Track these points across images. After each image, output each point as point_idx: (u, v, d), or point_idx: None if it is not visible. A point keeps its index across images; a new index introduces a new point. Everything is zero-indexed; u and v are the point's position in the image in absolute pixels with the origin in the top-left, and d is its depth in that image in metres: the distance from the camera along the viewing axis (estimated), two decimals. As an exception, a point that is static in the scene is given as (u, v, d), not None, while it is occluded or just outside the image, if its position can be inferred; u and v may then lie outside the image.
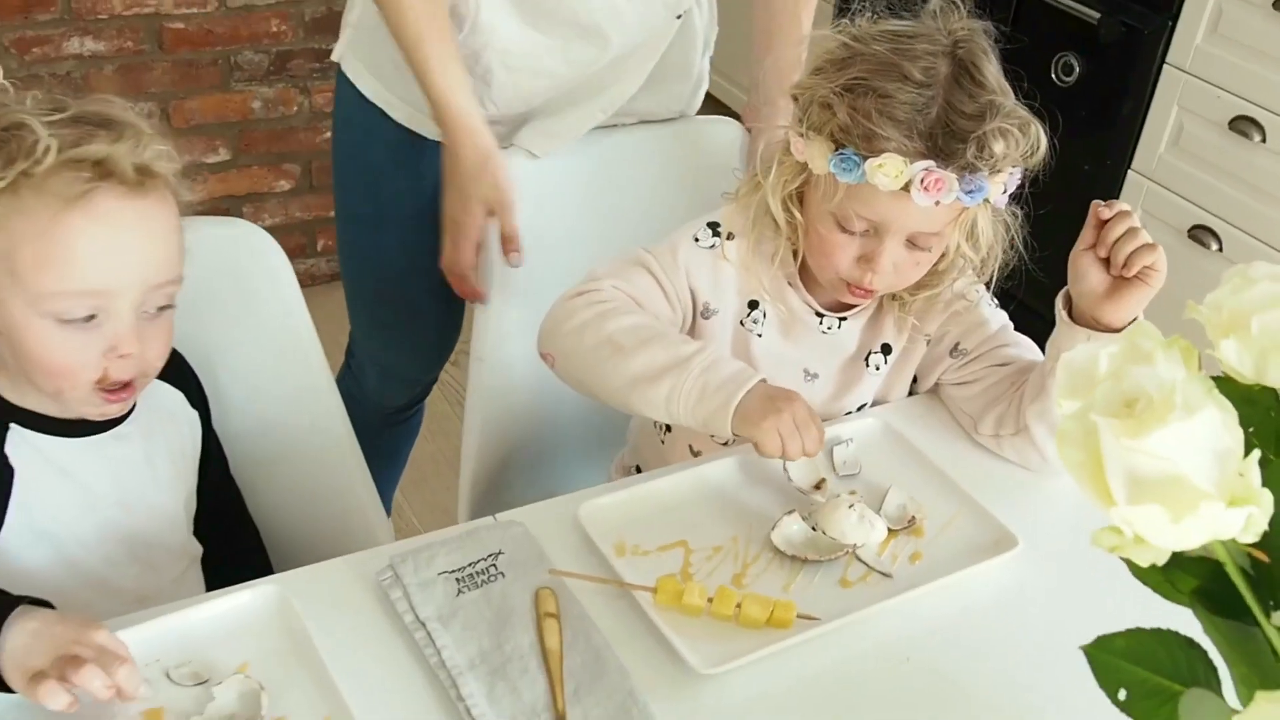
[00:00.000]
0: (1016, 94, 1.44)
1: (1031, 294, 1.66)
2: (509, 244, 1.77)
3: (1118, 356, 0.78)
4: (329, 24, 3.30)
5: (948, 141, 1.37)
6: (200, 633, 1.21)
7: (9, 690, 1.09)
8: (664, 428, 1.69)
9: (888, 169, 1.37)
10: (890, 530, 1.41)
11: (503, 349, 1.84)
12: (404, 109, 1.83)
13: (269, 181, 3.45)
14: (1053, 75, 3.10)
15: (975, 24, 1.44)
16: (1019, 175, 1.44)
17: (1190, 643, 0.83)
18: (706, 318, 1.59)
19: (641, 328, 1.47)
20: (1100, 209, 1.43)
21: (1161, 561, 0.72)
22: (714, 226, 1.58)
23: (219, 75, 3.25)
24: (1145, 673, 0.82)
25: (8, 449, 1.30)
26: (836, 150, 1.41)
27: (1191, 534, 0.70)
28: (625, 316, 1.48)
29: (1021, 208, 1.51)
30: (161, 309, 1.28)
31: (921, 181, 1.37)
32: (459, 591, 1.26)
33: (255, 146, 3.40)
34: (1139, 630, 0.84)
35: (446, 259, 1.79)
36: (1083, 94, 3.06)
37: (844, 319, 1.60)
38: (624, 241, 1.77)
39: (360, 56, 1.87)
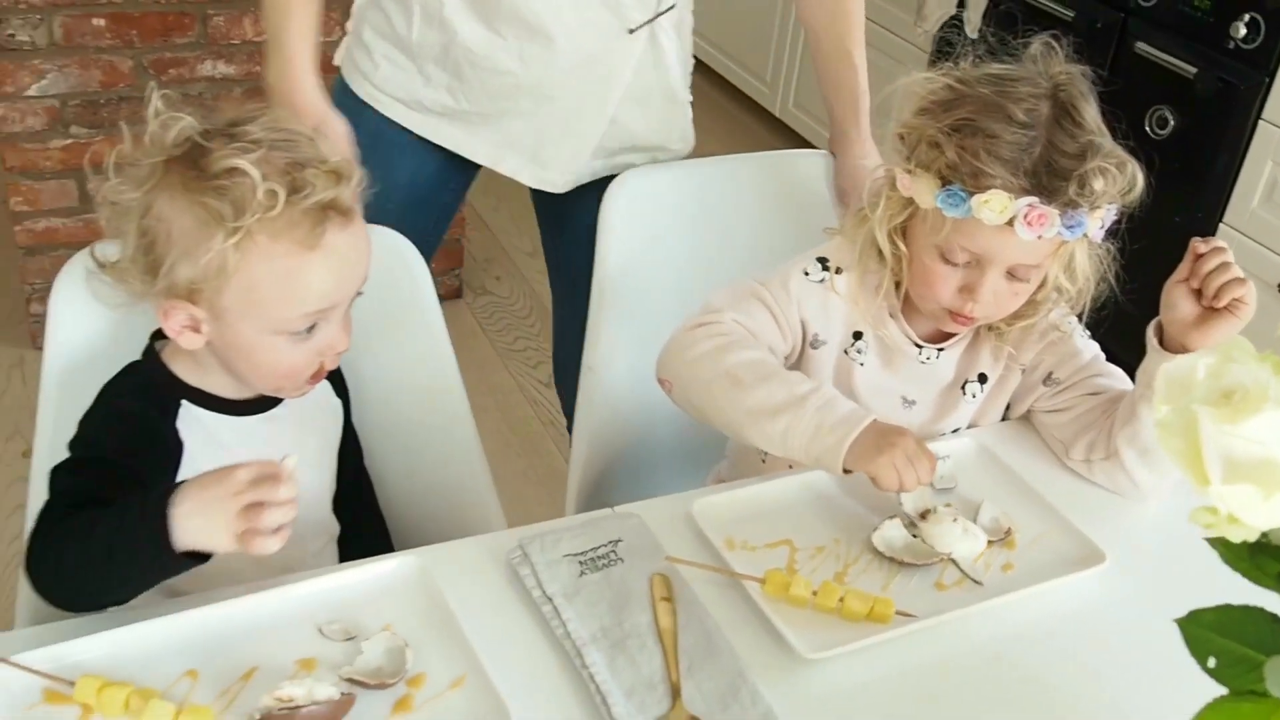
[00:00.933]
0: (1114, 135, 1.52)
1: (1115, 340, 1.73)
2: None
3: (1214, 364, 0.87)
4: (446, 54, 3.42)
5: (1050, 179, 1.45)
6: (348, 595, 1.32)
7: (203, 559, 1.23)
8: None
9: (993, 204, 1.45)
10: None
11: (611, 361, 1.93)
12: (391, 105, 1.98)
13: (380, 203, 3.58)
14: (1147, 128, 3.17)
15: (1074, 68, 1.52)
16: (1115, 211, 1.52)
17: (1274, 618, 0.92)
18: (815, 348, 1.67)
19: (759, 364, 1.55)
20: (1198, 244, 1.51)
21: (1252, 539, 0.81)
22: (823, 261, 1.66)
23: (340, 100, 3.38)
24: (1233, 643, 0.90)
25: (178, 424, 1.43)
26: (944, 186, 1.49)
27: (1280, 512, 0.79)
28: (744, 351, 1.56)
29: (1116, 242, 1.59)
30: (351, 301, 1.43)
31: (1025, 216, 1.45)
32: (581, 573, 1.37)
33: (370, 171, 3.52)
34: (1228, 606, 0.92)
35: None
36: (1176, 147, 3.12)
37: (941, 350, 1.68)
38: (725, 265, 1.88)
39: (352, 59, 2.02)
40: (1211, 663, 0.90)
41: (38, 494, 1.56)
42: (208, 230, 1.30)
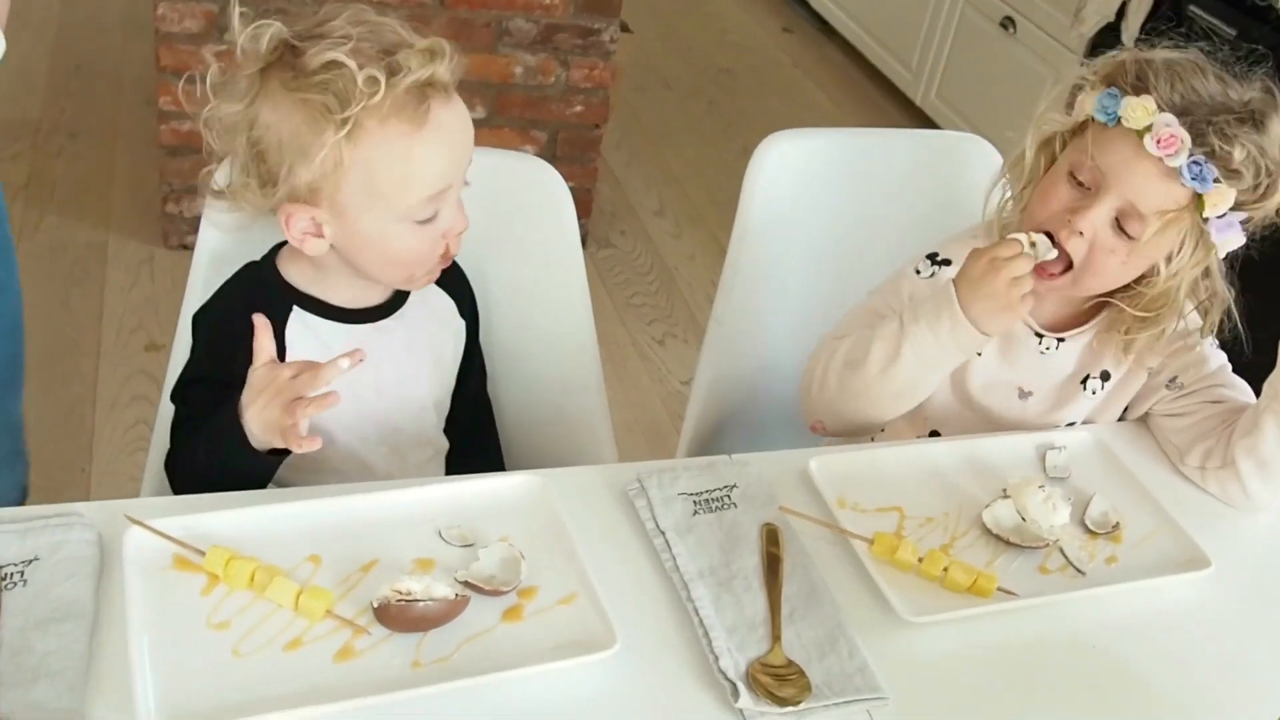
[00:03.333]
0: None
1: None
2: None
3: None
4: (599, 4, 3.46)
5: (1199, 121, 1.45)
6: (470, 504, 1.37)
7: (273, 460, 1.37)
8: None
9: (1139, 107, 1.46)
10: (1092, 532, 1.51)
11: (740, 317, 1.96)
12: None
13: (516, 144, 3.62)
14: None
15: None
16: (1237, 221, 1.50)
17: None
18: None
19: (858, 341, 1.61)
20: None
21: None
22: (933, 257, 1.70)
23: (490, 37, 3.42)
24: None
25: (286, 330, 1.48)
26: (1108, 88, 1.51)
27: None
28: (843, 343, 1.63)
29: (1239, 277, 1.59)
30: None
31: (1160, 132, 1.45)
32: (695, 512, 1.40)
33: (509, 109, 3.57)
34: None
35: None
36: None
37: (1062, 340, 1.69)
38: (865, 236, 1.93)
39: None
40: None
41: (177, 354, 1.62)
42: (317, 127, 1.33)
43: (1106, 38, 3.62)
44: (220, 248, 1.61)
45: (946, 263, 1.69)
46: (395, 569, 1.27)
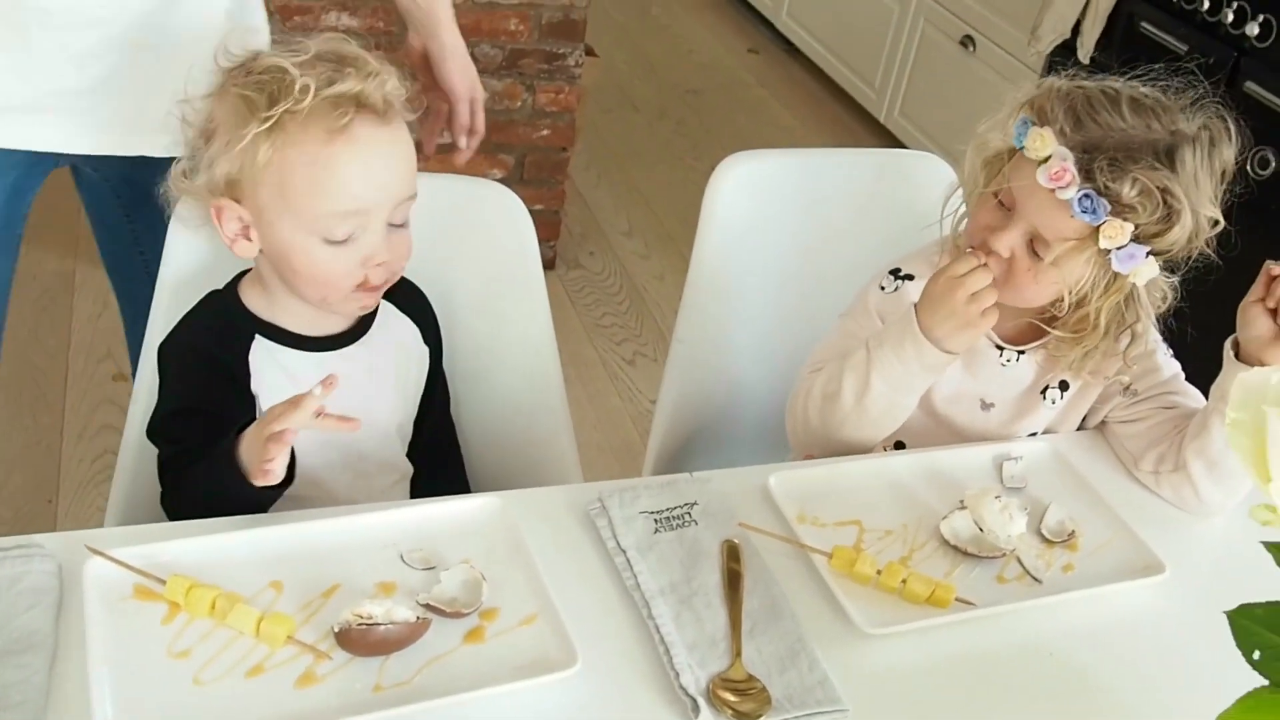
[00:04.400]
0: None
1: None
2: None
3: (1288, 376, 0.91)
4: (564, 29, 3.48)
5: (1094, 159, 1.47)
6: (432, 528, 1.38)
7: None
8: None
9: (1039, 140, 1.49)
10: (1048, 541, 1.52)
11: (703, 334, 1.97)
12: None
13: (484, 168, 3.63)
14: (1248, 167, 3.15)
15: (1217, 133, 1.54)
16: (1142, 253, 1.51)
17: (1322, 619, 0.95)
18: None
19: (830, 374, 1.65)
20: (1272, 267, 1.52)
21: (1306, 539, 0.84)
22: (895, 272, 1.73)
23: (455, 63, 3.44)
24: (1279, 638, 0.94)
25: (250, 356, 1.50)
26: (1027, 116, 1.54)
27: (1336, 513, 0.82)
28: (819, 377, 1.67)
29: (1186, 282, 1.60)
30: (402, 223, 1.47)
31: (1052, 165, 1.48)
32: (656, 530, 1.41)
33: (476, 134, 3.58)
34: (1277, 602, 0.96)
35: None
36: (1276, 188, 3.10)
37: (1022, 352, 1.71)
38: (825, 256, 1.94)
39: None
40: (1256, 655, 0.94)
41: (142, 383, 1.63)
42: (242, 119, 1.37)
43: (1062, 55, 3.65)
44: (184, 277, 1.62)
45: (909, 277, 1.71)
46: (357, 593, 1.28)
